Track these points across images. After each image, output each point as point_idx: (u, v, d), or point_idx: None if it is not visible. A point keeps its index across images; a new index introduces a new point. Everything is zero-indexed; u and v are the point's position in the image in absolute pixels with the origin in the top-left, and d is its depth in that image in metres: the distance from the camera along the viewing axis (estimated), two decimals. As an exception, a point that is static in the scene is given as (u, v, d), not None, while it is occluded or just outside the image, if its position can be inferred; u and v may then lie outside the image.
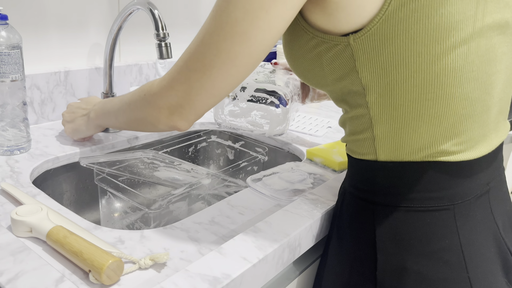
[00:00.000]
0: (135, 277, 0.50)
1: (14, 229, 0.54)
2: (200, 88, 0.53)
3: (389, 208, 0.55)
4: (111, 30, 0.91)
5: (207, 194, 0.86)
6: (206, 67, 0.51)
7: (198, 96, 0.54)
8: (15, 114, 0.77)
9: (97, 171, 0.77)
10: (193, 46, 0.53)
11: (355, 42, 0.50)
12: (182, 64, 0.54)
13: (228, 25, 0.48)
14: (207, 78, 0.52)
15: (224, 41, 0.49)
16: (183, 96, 0.54)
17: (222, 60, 0.50)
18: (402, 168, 0.54)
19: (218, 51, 0.50)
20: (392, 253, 0.55)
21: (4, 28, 0.72)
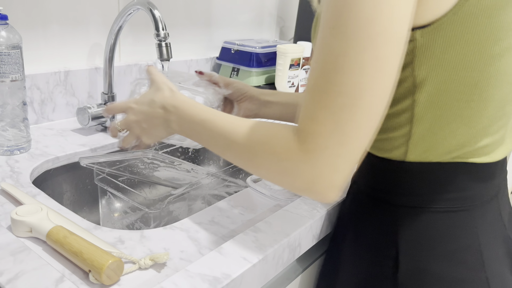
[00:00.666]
0: (135, 277, 0.50)
1: (14, 229, 0.54)
2: (355, 128, 0.43)
3: (413, 209, 0.55)
4: (111, 30, 0.91)
5: (207, 194, 0.86)
6: (353, 96, 0.42)
7: (355, 140, 0.43)
8: (15, 114, 0.77)
9: (97, 171, 0.77)
10: (322, 83, 0.43)
11: (422, 38, 0.47)
12: (320, 112, 0.43)
13: (362, 31, 0.41)
14: (360, 109, 0.42)
15: (363, 51, 0.41)
16: (338, 153, 0.43)
17: (369, 76, 0.42)
18: (430, 169, 0.53)
19: (360, 68, 0.41)
20: (415, 255, 0.54)
21: (4, 28, 0.72)
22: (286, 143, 0.46)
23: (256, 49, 1.27)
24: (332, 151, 0.43)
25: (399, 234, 0.55)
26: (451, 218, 0.54)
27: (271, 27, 1.61)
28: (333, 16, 0.42)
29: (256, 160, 0.50)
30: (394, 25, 0.41)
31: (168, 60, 0.83)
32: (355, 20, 0.41)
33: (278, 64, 1.24)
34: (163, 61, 0.83)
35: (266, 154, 0.48)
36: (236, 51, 1.29)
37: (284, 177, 0.47)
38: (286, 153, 0.46)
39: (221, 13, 1.36)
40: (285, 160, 0.46)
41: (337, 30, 0.42)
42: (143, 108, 0.61)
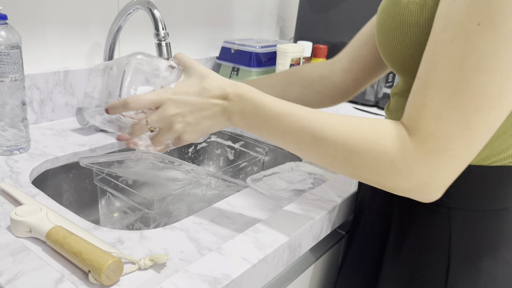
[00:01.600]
0: (135, 277, 0.49)
1: (14, 229, 0.54)
2: (485, 130, 0.41)
3: (466, 211, 0.54)
4: (111, 30, 0.91)
5: (207, 194, 0.85)
6: (495, 98, 0.40)
7: (481, 143, 0.42)
8: (14, 114, 0.77)
9: (97, 171, 0.77)
10: (457, 81, 0.40)
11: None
12: (449, 112, 0.41)
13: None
14: (496, 113, 0.40)
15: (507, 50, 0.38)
16: (461, 154, 0.42)
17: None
18: (489, 172, 0.53)
19: (510, 71, 0.39)
20: (467, 257, 0.54)
21: (3, 28, 0.72)
22: (400, 143, 0.44)
23: (256, 48, 1.27)
24: (456, 153, 0.42)
25: (452, 237, 0.54)
26: (495, 217, 0.54)
27: (271, 27, 1.61)
28: (484, 11, 0.38)
29: (356, 160, 0.46)
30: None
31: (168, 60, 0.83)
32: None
33: (278, 63, 1.24)
34: (163, 61, 0.83)
35: (371, 153, 0.45)
36: (236, 50, 1.29)
37: (393, 179, 0.45)
38: (399, 153, 0.44)
39: (221, 13, 1.36)
40: (398, 161, 0.44)
41: (488, 27, 0.38)
42: (190, 98, 0.52)
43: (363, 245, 0.67)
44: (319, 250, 0.75)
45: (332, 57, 0.81)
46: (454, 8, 0.41)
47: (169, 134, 0.54)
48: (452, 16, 0.41)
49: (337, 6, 1.33)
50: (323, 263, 0.77)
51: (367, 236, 0.66)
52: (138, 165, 0.82)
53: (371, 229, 0.65)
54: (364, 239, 0.67)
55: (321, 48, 1.30)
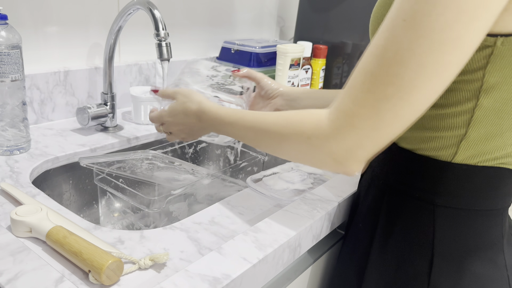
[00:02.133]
0: (135, 277, 0.49)
1: (14, 229, 0.54)
2: (392, 118, 0.44)
3: (451, 209, 0.55)
4: (111, 30, 0.91)
5: (207, 194, 0.85)
6: (403, 89, 0.43)
7: (388, 129, 0.45)
8: (14, 114, 0.77)
9: (97, 171, 0.77)
10: (375, 68, 0.44)
11: (503, 45, 0.46)
12: (363, 94, 0.45)
13: (436, 32, 0.40)
14: (404, 103, 0.43)
15: (430, 52, 0.41)
16: (367, 135, 0.46)
17: (426, 77, 0.42)
18: (475, 172, 0.53)
19: (421, 66, 0.42)
20: (451, 254, 0.55)
21: (4, 28, 0.72)
22: (316, 122, 0.49)
23: (256, 49, 1.27)
24: (363, 132, 0.46)
25: (436, 234, 0.55)
26: (485, 217, 0.55)
27: (271, 27, 1.61)
28: (409, 10, 0.42)
29: (286, 143, 0.53)
30: (469, 35, 0.41)
31: (168, 60, 0.83)
32: (432, 21, 0.41)
33: (278, 64, 1.24)
34: (163, 61, 0.83)
35: (294, 134, 0.51)
36: (236, 51, 1.29)
37: (312, 154, 0.50)
38: (315, 130, 0.49)
39: (221, 13, 1.36)
40: (313, 137, 0.49)
41: (409, 24, 0.42)
42: (179, 120, 0.70)
43: (355, 238, 0.68)
44: (319, 250, 0.75)
45: (331, 57, 0.81)
46: (395, 3, 0.44)
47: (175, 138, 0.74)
48: (391, 10, 0.45)
49: (337, 6, 1.33)
50: (323, 263, 0.77)
51: (359, 229, 0.67)
52: (139, 165, 0.82)
53: (362, 223, 0.66)
54: (356, 233, 0.68)
55: (321, 48, 1.30)
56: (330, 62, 1.35)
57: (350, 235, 0.70)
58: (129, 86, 1.11)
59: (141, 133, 0.97)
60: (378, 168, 0.63)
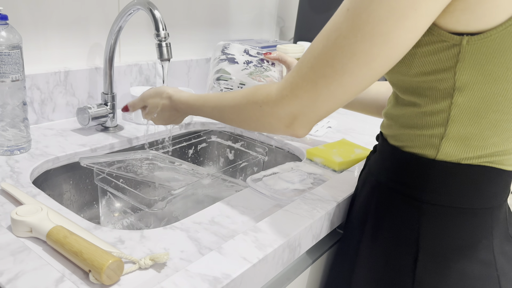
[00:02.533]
0: (135, 277, 0.50)
1: (14, 229, 0.54)
2: (328, 94, 0.50)
3: (438, 207, 0.55)
4: (111, 30, 0.91)
5: (207, 194, 0.86)
6: (337, 72, 0.48)
7: (325, 103, 0.52)
8: (15, 114, 0.77)
9: (97, 171, 0.77)
10: (320, 49, 0.50)
11: (468, 44, 0.47)
12: (307, 70, 0.51)
13: (369, 25, 0.45)
14: (338, 84, 0.49)
15: (362, 42, 0.46)
16: (307, 105, 0.52)
17: (356, 64, 0.47)
18: (459, 170, 0.54)
19: (353, 54, 0.47)
20: (436, 251, 0.55)
21: (4, 28, 0.73)
22: (266, 92, 0.56)
23: (256, 49, 1.27)
24: (304, 101, 0.52)
25: (421, 230, 0.56)
26: (473, 216, 0.55)
27: (271, 27, 1.61)
28: (353, 1, 0.46)
29: (243, 113, 0.60)
30: (398, 32, 0.45)
31: (168, 60, 0.84)
32: (367, 14, 0.45)
33: (278, 64, 1.23)
34: (163, 61, 0.83)
35: (248, 104, 0.59)
36: (236, 51, 1.29)
37: (264, 120, 0.57)
38: (265, 99, 0.56)
39: (221, 13, 1.36)
40: (264, 105, 0.56)
41: (351, 14, 0.47)
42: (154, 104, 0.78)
43: (349, 234, 0.69)
44: (319, 250, 0.75)
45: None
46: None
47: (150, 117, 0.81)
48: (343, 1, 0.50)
49: (337, 6, 1.33)
50: (323, 263, 0.77)
51: (353, 226, 0.68)
52: (138, 165, 0.83)
53: (355, 219, 0.67)
54: (350, 230, 0.69)
55: (321, 48, 1.30)
56: (330, 62, 1.35)
57: (345, 232, 0.71)
58: (130, 86, 1.11)
59: (141, 133, 0.97)
60: (373, 165, 0.64)
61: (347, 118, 1.19)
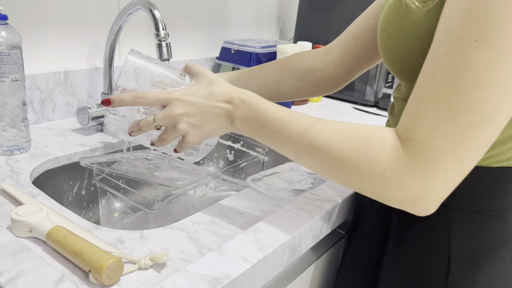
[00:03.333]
0: (135, 277, 0.50)
1: (14, 229, 0.54)
2: (480, 144, 0.41)
3: (466, 212, 0.55)
4: (111, 30, 0.91)
5: (207, 194, 0.85)
6: (489, 114, 0.40)
7: (475, 158, 0.42)
8: (15, 114, 0.77)
9: (97, 171, 0.77)
10: (453, 95, 0.40)
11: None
12: (444, 125, 0.41)
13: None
14: (492, 128, 0.41)
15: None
16: (454, 168, 0.42)
17: (511, 97, 0.40)
18: (489, 174, 0.53)
19: (506, 87, 0.39)
20: (466, 257, 0.55)
21: (4, 28, 0.72)
22: (392, 152, 0.44)
23: (256, 49, 1.27)
24: (449, 166, 0.42)
25: (452, 237, 0.55)
26: (497, 217, 0.55)
27: (271, 27, 1.61)
28: (481, 28, 0.39)
29: (349, 169, 0.46)
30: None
31: (168, 60, 0.83)
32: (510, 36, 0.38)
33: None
34: (163, 61, 0.83)
35: (365, 161, 0.45)
36: (236, 51, 1.29)
37: (384, 189, 0.45)
38: (392, 163, 0.44)
39: (221, 13, 1.36)
40: (390, 170, 0.44)
41: (484, 44, 0.39)
42: (197, 100, 0.54)
43: (363, 244, 0.67)
44: (319, 250, 0.75)
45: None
46: (453, 23, 0.41)
47: (174, 134, 0.56)
48: (450, 30, 0.41)
49: (337, 6, 1.33)
50: (323, 263, 0.77)
51: (367, 235, 0.66)
52: (139, 165, 0.82)
53: (371, 228, 0.65)
54: (364, 238, 0.67)
55: (321, 48, 1.30)
56: (330, 62, 1.35)
57: (357, 241, 0.69)
58: (129, 86, 1.11)
59: (141, 133, 0.97)
60: None
61: (347, 119, 1.19)
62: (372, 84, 1.29)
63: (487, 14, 0.39)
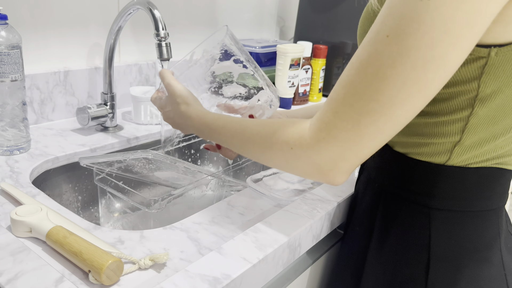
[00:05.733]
0: (135, 277, 0.49)
1: (14, 229, 0.54)
2: (374, 132, 0.44)
3: (446, 212, 0.55)
4: (111, 30, 0.91)
5: (207, 194, 0.85)
6: (385, 106, 0.43)
7: (370, 142, 0.45)
8: (14, 114, 0.77)
9: (97, 171, 0.77)
10: (357, 83, 0.44)
11: (497, 56, 0.46)
12: (345, 108, 0.45)
13: (420, 50, 0.40)
14: (386, 119, 0.44)
15: (413, 70, 0.41)
16: (349, 147, 0.46)
17: (408, 94, 0.42)
18: (469, 174, 0.54)
19: (403, 84, 0.42)
20: (447, 257, 0.55)
21: (4, 28, 0.72)
22: (299, 132, 0.49)
23: (256, 49, 1.27)
24: (345, 144, 0.46)
25: (431, 237, 0.55)
26: (481, 218, 0.55)
27: (271, 27, 1.61)
28: (393, 25, 0.41)
29: (269, 152, 0.53)
30: (454, 54, 0.41)
31: (168, 60, 0.83)
32: (416, 38, 0.40)
33: (278, 64, 1.24)
34: (163, 61, 0.83)
35: (277, 143, 0.51)
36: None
37: (295, 163, 0.50)
38: (297, 140, 0.49)
39: (221, 13, 1.36)
40: (296, 147, 0.49)
41: (393, 40, 0.41)
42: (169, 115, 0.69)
43: (352, 241, 0.68)
44: (319, 250, 0.75)
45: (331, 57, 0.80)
46: (379, 16, 0.44)
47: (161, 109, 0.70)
48: (375, 23, 0.44)
49: (337, 6, 1.33)
50: (323, 263, 0.77)
51: (356, 233, 0.67)
52: (138, 165, 0.82)
53: (359, 226, 0.66)
54: (353, 237, 0.68)
55: (321, 48, 1.30)
56: (330, 62, 1.35)
57: (347, 238, 0.70)
58: (129, 86, 1.11)
59: (141, 133, 0.97)
60: (373, 171, 0.63)
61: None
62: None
63: (401, 13, 0.41)
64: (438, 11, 0.39)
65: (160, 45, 0.82)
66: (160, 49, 0.82)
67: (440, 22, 0.39)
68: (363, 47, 0.44)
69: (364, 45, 0.44)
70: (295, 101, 1.31)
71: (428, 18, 0.39)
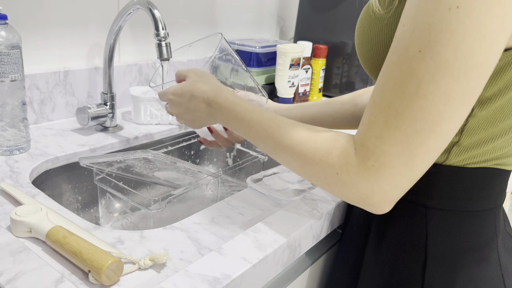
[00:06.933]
0: (135, 277, 0.49)
1: (14, 229, 0.54)
2: (426, 151, 0.43)
3: (443, 211, 0.55)
4: (111, 30, 0.91)
5: (207, 194, 0.85)
6: (434, 122, 0.41)
7: (423, 164, 0.44)
8: (14, 114, 0.77)
9: (97, 171, 0.77)
10: (399, 104, 0.42)
11: (500, 61, 0.45)
12: (390, 132, 0.43)
13: (458, 61, 0.39)
14: (437, 135, 0.42)
15: (455, 81, 0.40)
16: (402, 173, 0.44)
17: (455, 106, 0.41)
18: (467, 174, 0.53)
19: (448, 97, 0.40)
20: (444, 256, 0.55)
21: (3, 28, 0.72)
22: (345, 157, 0.47)
23: (256, 49, 1.27)
24: (396, 171, 0.44)
25: (428, 236, 0.56)
26: (478, 218, 0.55)
27: (271, 27, 1.61)
28: (424, 39, 0.40)
29: (309, 168, 0.50)
30: (491, 59, 0.40)
31: (167, 60, 0.83)
32: (454, 49, 0.39)
33: (278, 64, 1.24)
34: (163, 60, 0.83)
35: (321, 164, 0.49)
36: (236, 50, 1.29)
37: (339, 188, 0.48)
38: (344, 167, 0.47)
39: (221, 13, 1.36)
40: (342, 173, 0.47)
41: (427, 54, 0.40)
42: (182, 101, 0.63)
43: (349, 241, 0.68)
44: (319, 250, 0.75)
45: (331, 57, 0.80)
46: (403, 31, 0.42)
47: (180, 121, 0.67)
48: (400, 39, 0.42)
49: (337, 6, 1.33)
50: (323, 263, 0.77)
51: (354, 234, 0.67)
52: (138, 165, 0.82)
53: (357, 226, 0.66)
54: (351, 237, 0.68)
55: (321, 48, 1.30)
56: (330, 62, 1.35)
57: (345, 238, 0.70)
58: (129, 86, 1.11)
59: (141, 133, 0.97)
60: None
61: (347, 118, 1.19)
62: (372, 84, 1.29)
63: (429, 25, 0.39)
64: (469, 18, 0.38)
65: (160, 45, 0.82)
66: (160, 49, 0.82)
67: (474, 30, 0.38)
68: (393, 66, 0.43)
69: (393, 63, 0.43)
70: (295, 101, 1.31)
71: (461, 27, 0.38)
